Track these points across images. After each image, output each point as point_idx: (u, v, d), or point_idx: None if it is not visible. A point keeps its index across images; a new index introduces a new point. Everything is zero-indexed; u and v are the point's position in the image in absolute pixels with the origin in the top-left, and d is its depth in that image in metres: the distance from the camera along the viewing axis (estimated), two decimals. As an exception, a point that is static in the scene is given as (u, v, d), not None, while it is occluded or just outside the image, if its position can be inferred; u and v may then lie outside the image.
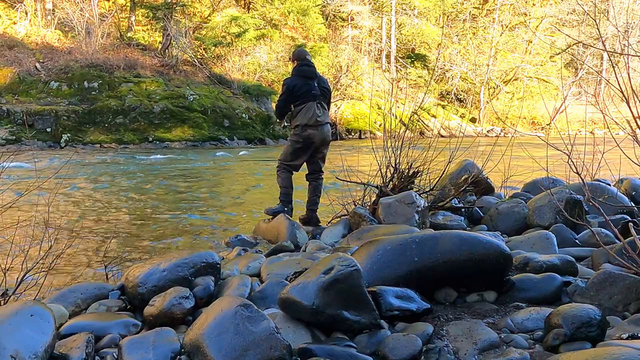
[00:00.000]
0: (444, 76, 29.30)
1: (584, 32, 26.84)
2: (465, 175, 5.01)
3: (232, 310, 2.10)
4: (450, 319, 2.44)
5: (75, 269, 4.10)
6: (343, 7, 27.32)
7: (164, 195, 7.92)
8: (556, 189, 4.27)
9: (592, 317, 2.11)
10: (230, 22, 22.70)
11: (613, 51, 5.62)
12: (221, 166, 12.16)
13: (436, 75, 28.24)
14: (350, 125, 22.70)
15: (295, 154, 4.87)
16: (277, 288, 2.72)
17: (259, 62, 21.98)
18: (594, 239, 3.16)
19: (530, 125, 28.82)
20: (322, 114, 4.78)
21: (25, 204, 3.73)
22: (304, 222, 4.89)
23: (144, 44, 21.29)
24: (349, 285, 2.27)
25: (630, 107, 3.07)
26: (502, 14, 30.67)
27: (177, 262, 2.88)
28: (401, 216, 4.01)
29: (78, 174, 9.90)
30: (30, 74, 17.43)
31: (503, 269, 2.71)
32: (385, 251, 2.74)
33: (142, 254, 4.62)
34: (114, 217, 6.29)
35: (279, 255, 3.69)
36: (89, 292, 2.90)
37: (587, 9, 21.30)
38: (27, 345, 1.96)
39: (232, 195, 8.03)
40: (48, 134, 15.81)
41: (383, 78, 24.83)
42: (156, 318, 2.52)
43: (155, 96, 18.03)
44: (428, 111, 23.62)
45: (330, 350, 2.09)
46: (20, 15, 19.82)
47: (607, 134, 4.25)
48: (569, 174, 4.56)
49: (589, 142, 4.95)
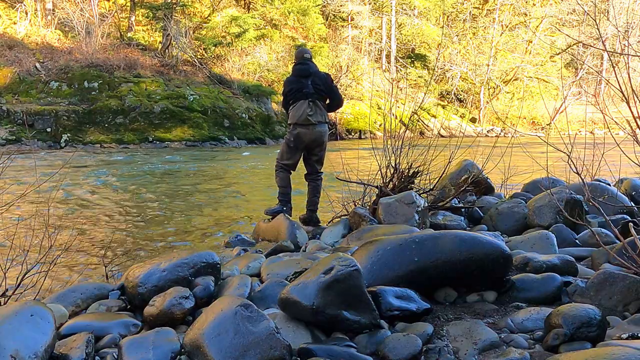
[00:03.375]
0: (444, 76, 29.31)
1: (584, 32, 26.84)
2: (465, 175, 5.00)
3: (232, 310, 2.10)
4: (450, 319, 2.44)
5: (75, 269, 4.10)
6: (343, 7, 27.32)
7: (163, 196, 7.92)
8: (556, 189, 4.27)
9: (592, 317, 2.11)
10: (230, 22, 22.69)
11: (613, 51, 5.62)
12: (221, 166, 12.15)
13: (436, 75, 28.25)
14: (350, 125, 22.70)
15: (289, 153, 4.88)
16: (277, 288, 2.72)
17: (259, 62, 21.98)
18: (594, 239, 3.16)
19: (530, 125, 28.81)
20: (314, 113, 4.72)
21: (26, 204, 3.73)
22: (304, 222, 4.90)
23: (144, 44, 21.28)
24: (349, 285, 2.27)
25: (630, 107, 3.07)
26: (502, 14, 30.68)
27: (177, 262, 2.88)
28: (401, 216, 4.01)
29: (78, 174, 9.90)
30: (30, 74, 17.42)
31: (503, 269, 2.71)
32: (385, 251, 2.74)
33: (142, 253, 4.62)
34: (114, 217, 6.29)
35: (279, 255, 3.69)
36: (89, 292, 2.90)
37: (587, 9, 21.30)
38: (27, 345, 1.96)
39: (232, 195, 8.03)
40: (48, 134, 15.81)
41: (383, 78, 24.82)
42: (156, 318, 2.52)
43: (155, 96, 18.03)
44: (428, 111, 23.63)
45: (330, 350, 2.09)
46: (20, 15, 19.80)
47: (607, 134, 4.24)
48: (569, 174, 4.56)
49: (589, 142, 4.95)
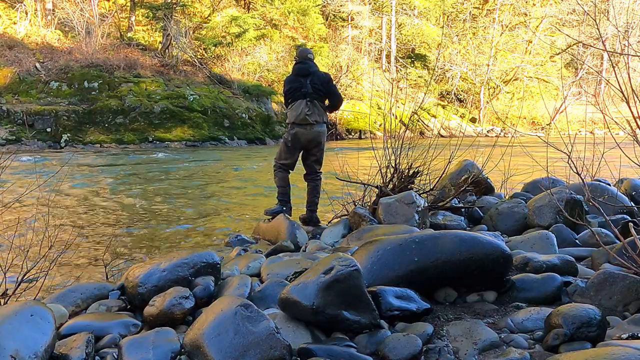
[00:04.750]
0: (444, 76, 29.31)
1: (584, 32, 26.83)
2: (465, 175, 5.00)
3: (232, 310, 2.10)
4: (450, 319, 2.44)
5: (75, 269, 4.10)
6: (343, 7, 27.32)
7: (163, 195, 7.92)
8: (556, 189, 4.27)
9: (592, 317, 2.11)
10: (230, 22, 22.69)
11: (613, 51, 5.62)
12: (221, 166, 12.15)
13: (436, 75, 28.25)
14: (350, 125, 22.71)
15: (287, 152, 4.87)
16: (277, 288, 2.72)
17: (259, 62, 21.98)
18: (594, 239, 3.16)
19: (530, 125, 28.81)
20: (312, 113, 4.70)
21: (26, 204, 3.73)
22: (304, 222, 4.90)
23: (144, 44, 21.27)
24: (349, 285, 2.27)
25: (630, 107, 3.07)
26: (502, 14, 30.68)
27: (177, 262, 2.88)
28: (401, 216, 4.01)
29: (77, 174, 9.89)
30: (30, 74, 17.41)
31: (503, 269, 2.71)
32: (385, 251, 2.74)
33: (142, 253, 4.62)
34: (114, 217, 6.29)
35: (279, 255, 3.69)
36: (89, 292, 2.90)
37: (587, 9, 21.29)
38: (27, 345, 1.96)
39: (232, 195, 8.03)
40: (48, 134, 15.80)
41: (383, 78, 24.81)
42: (156, 318, 2.52)
43: (155, 96, 18.03)
44: (428, 111, 23.64)
45: (330, 350, 2.09)
46: (20, 15, 19.79)
47: (607, 134, 4.25)
48: (569, 174, 4.56)
49: (589, 142, 4.95)
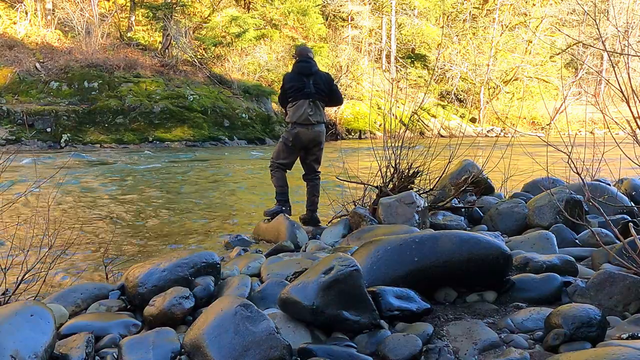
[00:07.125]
0: (444, 76, 29.31)
1: (584, 32, 26.82)
2: (465, 175, 5.00)
3: (232, 310, 2.10)
4: (450, 319, 2.44)
5: (75, 268, 4.10)
6: (343, 7, 27.32)
7: (163, 195, 7.92)
8: (556, 189, 4.27)
9: (592, 317, 2.11)
10: (230, 22, 22.69)
11: (613, 51, 5.61)
12: (221, 166, 12.15)
13: (436, 75, 28.25)
14: (350, 125, 22.71)
15: (286, 152, 4.85)
16: (277, 288, 2.71)
17: (259, 62, 21.98)
18: (594, 239, 3.16)
19: (530, 125, 28.82)
20: (314, 113, 4.70)
21: (25, 204, 3.73)
22: (304, 222, 4.89)
23: (144, 44, 21.27)
24: (349, 285, 2.27)
25: (630, 107, 3.07)
26: (502, 14, 30.68)
27: (177, 262, 2.88)
28: (401, 216, 4.01)
29: (77, 174, 9.89)
30: (30, 74, 17.41)
31: (503, 269, 2.71)
32: (385, 251, 2.74)
33: (143, 253, 4.62)
34: (114, 217, 6.29)
35: (279, 255, 3.69)
36: (89, 292, 2.90)
37: (587, 9, 21.29)
38: (27, 345, 1.96)
39: (232, 195, 8.03)
40: (48, 134, 15.80)
41: (383, 78, 24.82)
42: (156, 318, 2.52)
43: (155, 96, 18.03)
44: (428, 111, 23.65)
45: (330, 350, 2.09)
46: (20, 15, 19.79)
47: (607, 134, 4.24)
48: (569, 174, 4.56)
49: (589, 142, 4.95)
